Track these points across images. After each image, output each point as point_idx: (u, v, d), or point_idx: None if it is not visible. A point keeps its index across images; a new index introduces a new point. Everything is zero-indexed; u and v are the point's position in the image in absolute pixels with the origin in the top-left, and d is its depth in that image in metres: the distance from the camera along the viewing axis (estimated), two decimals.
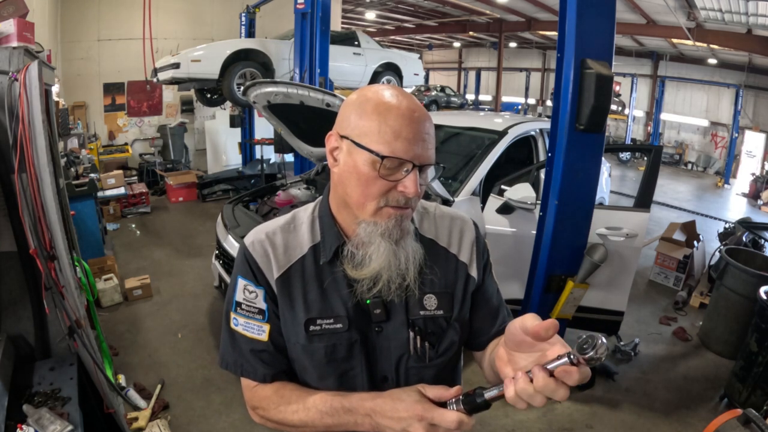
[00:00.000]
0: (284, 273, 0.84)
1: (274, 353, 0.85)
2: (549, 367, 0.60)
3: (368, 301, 0.82)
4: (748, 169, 11.22)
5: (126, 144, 7.93)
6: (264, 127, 6.98)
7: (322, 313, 0.82)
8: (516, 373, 0.63)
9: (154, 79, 5.98)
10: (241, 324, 0.85)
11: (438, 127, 3.77)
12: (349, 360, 0.84)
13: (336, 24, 8.87)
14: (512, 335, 0.66)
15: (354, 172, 0.76)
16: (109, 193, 5.81)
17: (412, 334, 0.84)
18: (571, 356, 0.58)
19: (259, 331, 0.85)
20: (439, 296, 0.86)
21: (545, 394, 0.60)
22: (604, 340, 0.57)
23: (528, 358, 0.65)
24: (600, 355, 0.56)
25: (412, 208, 0.80)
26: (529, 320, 0.63)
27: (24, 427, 1.53)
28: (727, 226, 5.93)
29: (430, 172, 0.80)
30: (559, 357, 0.60)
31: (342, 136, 0.78)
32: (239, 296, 0.85)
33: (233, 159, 7.87)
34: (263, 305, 0.84)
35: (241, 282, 0.85)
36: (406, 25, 15.46)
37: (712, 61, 11.87)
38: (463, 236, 0.93)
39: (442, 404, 0.71)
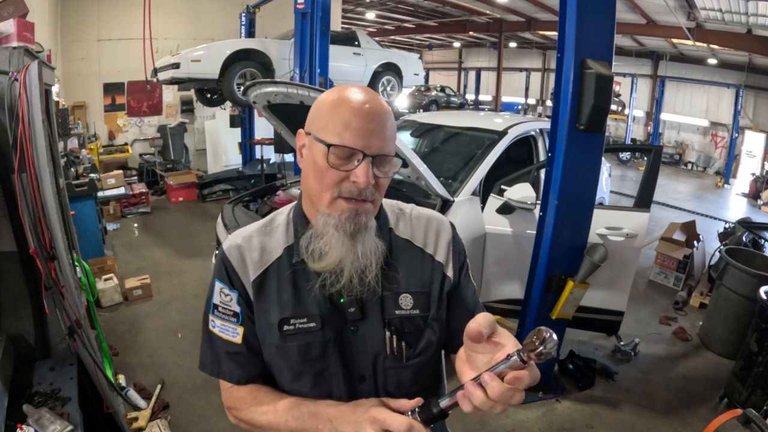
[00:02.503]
0: (260, 275, 0.86)
1: (248, 355, 0.87)
2: (498, 369, 0.60)
3: (342, 300, 0.83)
4: (748, 169, 11.21)
5: (126, 144, 7.93)
6: (264, 127, 6.97)
7: (296, 312, 0.83)
8: (466, 384, 0.63)
9: (154, 79, 5.97)
10: (218, 326, 0.87)
11: (438, 127, 3.78)
12: (323, 359, 0.84)
13: (336, 24, 8.86)
14: (467, 333, 0.67)
15: (312, 165, 0.79)
16: (109, 193, 5.81)
17: (388, 333, 0.84)
18: (521, 354, 0.58)
19: (233, 333, 0.86)
20: (415, 296, 0.87)
21: (502, 402, 0.60)
22: (554, 335, 0.57)
23: (484, 358, 0.65)
24: (549, 350, 0.56)
25: (370, 202, 0.80)
26: (479, 318, 0.64)
27: (24, 427, 1.53)
28: (727, 226, 5.93)
29: (394, 167, 0.81)
30: (508, 357, 0.59)
31: (306, 133, 0.82)
32: (216, 299, 0.87)
33: (233, 159, 7.87)
34: (237, 308, 0.86)
35: (218, 285, 0.87)
36: (406, 25, 15.46)
37: (712, 61, 11.87)
38: (439, 236, 0.93)
39: (402, 414, 0.72)
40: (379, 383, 0.86)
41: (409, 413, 0.70)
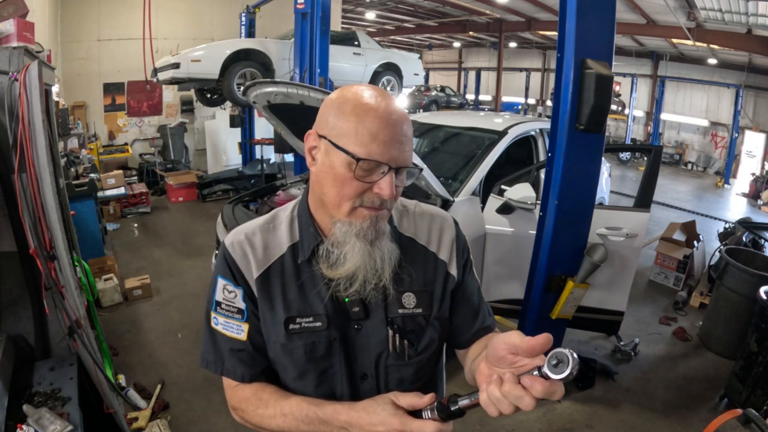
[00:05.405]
0: (264, 272, 0.85)
1: (252, 353, 0.86)
2: (519, 375, 0.62)
3: (347, 300, 0.83)
4: (748, 169, 11.19)
5: (126, 144, 7.93)
6: (264, 127, 6.97)
7: (302, 311, 0.83)
8: (506, 385, 0.63)
9: (154, 79, 5.97)
10: (221, 323, 0.86)
11: (438, 127, 3.77)
12: (328, 358, 0.84)
13: (336, 24, 8.86)
14: (494, 350, 0.66)
15: (330, 172, 0.76)
16: (109, 193, 5.81)
17: (391, 332, 0.84)
18: (543, 371, 0.59)
19: (238, 330, 0.85)
20: (417, 294, 0.86)
21: (510, 399, 0.61)
22: (575, 356, 0.57)
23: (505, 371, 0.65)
24: (571, 373, 0.57)
25: (388, 210, 0.80)
26: (515, 337, 0.63)
27: (24, 427, 1.53)
28: (727, 226, 5.93)
29: (409, 174, 0.80)
30: (537, 369, 0.60)
31: (320, 136, 0.78)
32: (219, 296, 0.86)
33: (233, 159, 7.87)
34: (242, 305, 0.85)
35: (221, 282, 0.86)
36: (406, 25, 15.45)
37: (712, 61, 11.86)
38: (442, 234, 0.93)
39: (417, 412, 0.71)
40: (381, 381, 0.86)
41: (428, 412, 0.70)
